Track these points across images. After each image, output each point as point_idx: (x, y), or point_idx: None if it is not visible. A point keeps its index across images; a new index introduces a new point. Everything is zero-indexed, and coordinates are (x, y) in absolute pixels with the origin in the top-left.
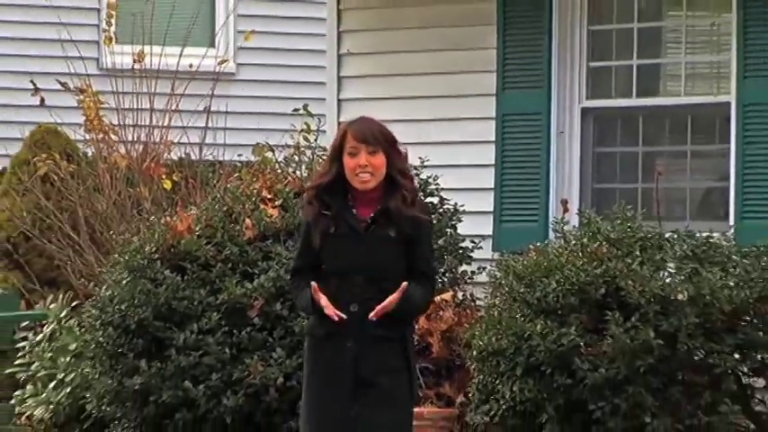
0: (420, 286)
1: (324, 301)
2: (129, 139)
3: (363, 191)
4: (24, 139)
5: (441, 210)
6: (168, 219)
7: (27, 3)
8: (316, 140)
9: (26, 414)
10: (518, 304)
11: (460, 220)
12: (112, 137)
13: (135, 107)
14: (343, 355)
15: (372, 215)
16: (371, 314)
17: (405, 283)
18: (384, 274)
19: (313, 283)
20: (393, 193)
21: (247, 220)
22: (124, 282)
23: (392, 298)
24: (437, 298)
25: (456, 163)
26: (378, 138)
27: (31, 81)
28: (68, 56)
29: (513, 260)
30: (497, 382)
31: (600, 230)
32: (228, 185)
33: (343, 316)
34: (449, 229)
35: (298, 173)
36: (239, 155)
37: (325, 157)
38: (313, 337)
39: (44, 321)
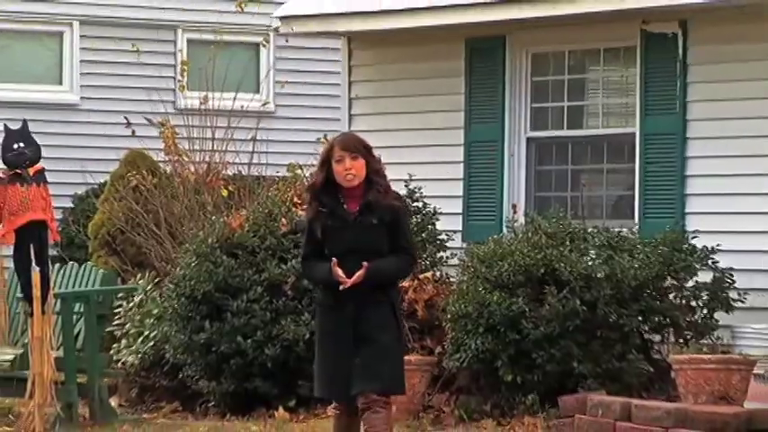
0: (398, 258)
1: (340, 272)
2: (197, 159)
3: (350, 189)
4: (120, 160)
5: (424, 211)
6: (225, 218)
7: (122, 60)
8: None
9: (121, 360)
10: (480, 281)
11: (438, 219)
12: (184, 158)
13: (201, 137)
14: (345, 316)
15: (357, 208)
16: (353, 279)
17: (365, 263)
18: (372, 252)
19: (334, 259)
20: (371, 189)
21: (283, 219)
22: (193, 264)
23: (357, 275)
24: (421, 276)
25: (435, 177)
26: (357, 147)
27: (125, 118)
28: (152, 99)
29: (477, 248)
30: (465, 337)
31: (540, 227)
32: (269, 194)
33: (350, 281)
34: (429, 226)
35: None
36: (277, 171)
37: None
38: (321, 306)
39: (134, 293)
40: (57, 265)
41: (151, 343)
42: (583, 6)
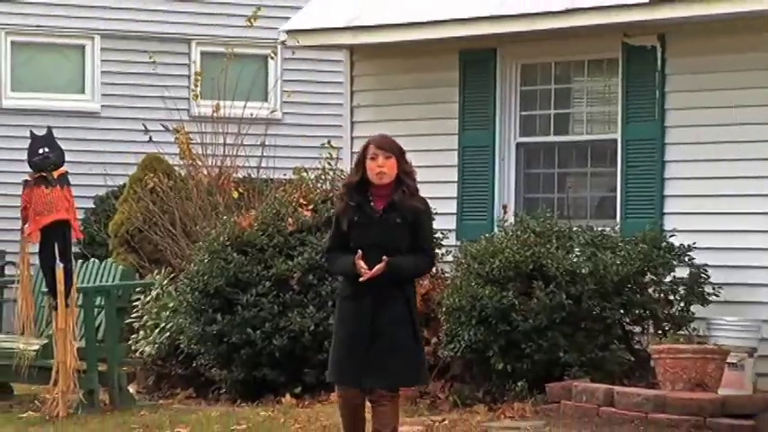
0: (417, 257)
1: (362, 263)
2: (209, 163)
3: (379, 188)
4: (138, 164)
5: None
6: (236, 218)
7: (140, 71)
8: (336, 164)
9: (139, 350)
10: (473, 276)
11: (434, 219)
12: (198, 162)
13: (213, 142)
14: (362, 308)
15: (383, 207)
16: (373, 271)
17: (385, 258)
18: (393, 248)
19: (359, 252)
20: (398, 189)
21: (289, 219)
22: (205, 260)
23: (377, 268)
24: None
25: (430, 180)
26: (392, 147)
27: (143, 125)
28: (168, 107)
29: (470, 246)
30: (459, 329)
31: (528, 226)
32: (277, 195)
33: (370, 273)
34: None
35: (324, 186)
36: (284, 174)
37: (349, 171)
38: (341, 296)
39: (151, 288)
40: (79, 262)
41: (167, 334)
42: (568, 21)
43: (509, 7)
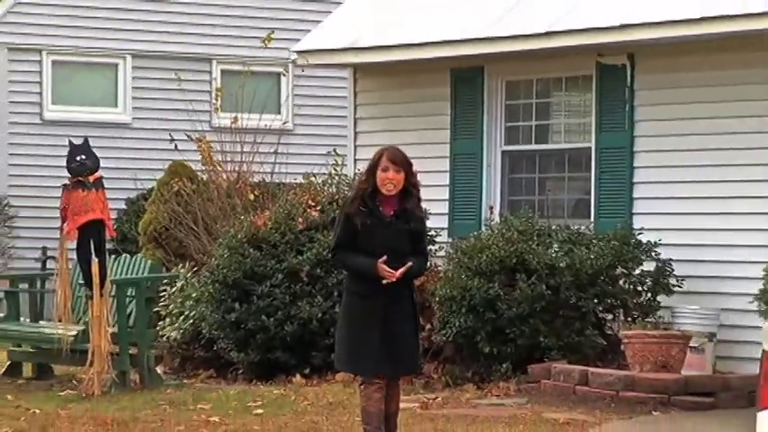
0: (419, 259)
1: (387, 268)
2: (228, 169)
3: (387, 196)
4: (165, 170)
5: None
6: (251, 218)
7: (166, 87)
8: (341, 170)
9: (165, 335)
10: (463, 269)
11: (428, 218)
12: (218, 168)
13: (231, 150)
14: (376, 306)
15: (394, 212)
16: (398, 273)
17: (410, 262)
18: (400, 252)
19: (384, 257)
20: (408, 199)
21: (299, 218)
22: (225, 256)
23: (400, 271)
24: None
25: (425, 184)
26: (403, 162)
27: (170, 134)
28: (192, 119)
29: (460, 243)
30: (450, 316)
31: (512, 225)
32: (288, 198)
33: (396, 275)
34: None
35: (330, 190)
36: (295, 179)
37: (353, 176)
38: (355, 294)
39: (176, 280)
40: (112, 257)
41: (190, 321)
42: (548, 43)
43: (495, 30)
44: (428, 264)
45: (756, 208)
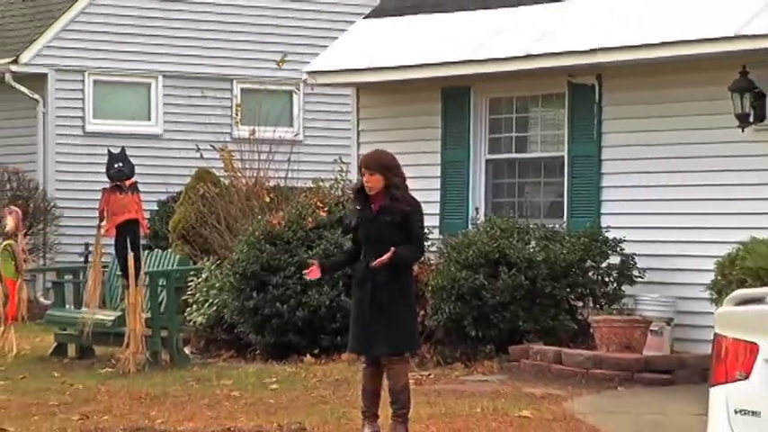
0: (411, 247)
1: (316, 271)
2: (247, 175)
3: (373, 195)
4: (192, 175)
5: None
6: (268, 217)
7: (193, 103)
8: (345, 176)
9: (192, 320)
10: (452, 262)
11: (422, 217)
12: (238, 174)
13: (250, 158)
14: (366, 290)
15: (377, 209)
16: (373, 263)
17: (392, 249)
18: (386, 243)
19: (312, 264)
20: (389, 195)
21: (309, 218)
22: (244, 250)
23: (383, 258)
24: None
25: (419, 188)
26: (375, 165)
27: (196, 145)
28: (215, 131)
29: (450, 239)
30: (441, 303)
31: (495, 223)
32: (299, 200)
33: (382, 260)
34: None
35: (336, 193)
36: (305, 184)
37: (355, 181)
38: (354, 283)
39: (202, 272)
40: (146, 252)
41: (214, 308)
42: (526, 65)
43: (480, 54)
44: (422, 251)
45: (708, 209)
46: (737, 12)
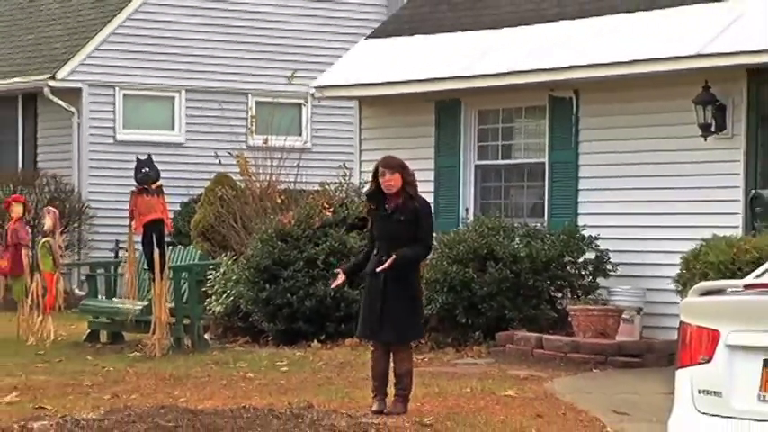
0: (417, 246)
1: (341, 279)
2: (261, 179)
3: (390, 195)
4: (211, 179)
5: None
6: (279, 217)
7: (212, 114)
8: (349, 180)
9: (211, 309)
10: (444, 257)
11: (431, 216)
12: (252, 178)
13: (263, 164)
14: (378, 283)
15: (392, 208)
16: (378, 269)
17: (394, 256)
18: (399, 240)
19: (340, 271)
20: (403, 195)
21: (316, 218)
22: (258, 247)
23: (384, 265)
24: None
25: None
26: (395, 165)
27: (215, 152)
28: (232, 140)
29: (443, 237)
30: (435, 294)
31: (483, 223)
32: (307, 201)
33: (385, 266)
34: None
35: (340, 195)
36: (313, 187)
37: (358, 184)
38: (366, 274)
39: (220, 266)
40: (170, 248)
41: (231, 298)
42: (510, 80)
43: (469, 71)
44: (429, 248)
45: (675, 209)
46: (700, 33)
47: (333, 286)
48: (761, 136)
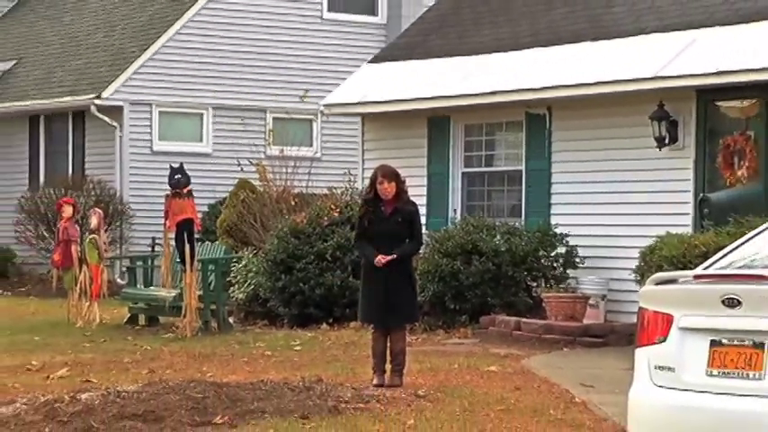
0: (412, 242)
1: (379, 257)
2: (277, 184)
3: (386, 199)
4: (234, 185)
5: None
6: (293, 217)
7: (235, 129)
8: (353, 185)
9: (234, 297)
10: (435, 252)
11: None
12: (270, 183)
13: (279, 171)
14: (380, 274)
15: (390, 210)
16: (383, 262)
17: (394, 253)
18: (396, 239)
19: (379, 257)
20: (400, 200)
21: (325, 217)
22: (275, 243)
23: (389, 258)
24: None
25: (411, 194)
26: (391, 174)
27: (237, 161)
28: (252, 151)
29: (434, 234)
30: (427, 284)
31: (469, 222)
32: (317, 203)
33: (386, 260)
34: None
35: (345, 198)
36: (322, 191)
37: (361, 189)
38: (366, 266)
39: (242, 259)
40: (199, 244)
41: (251, 287)
42: (492, 99)
43: (457, 91)
44: (421, 244)
45: (634, 210)
46: (656, 58)
47: (384, 261)
48: (708, 147)
